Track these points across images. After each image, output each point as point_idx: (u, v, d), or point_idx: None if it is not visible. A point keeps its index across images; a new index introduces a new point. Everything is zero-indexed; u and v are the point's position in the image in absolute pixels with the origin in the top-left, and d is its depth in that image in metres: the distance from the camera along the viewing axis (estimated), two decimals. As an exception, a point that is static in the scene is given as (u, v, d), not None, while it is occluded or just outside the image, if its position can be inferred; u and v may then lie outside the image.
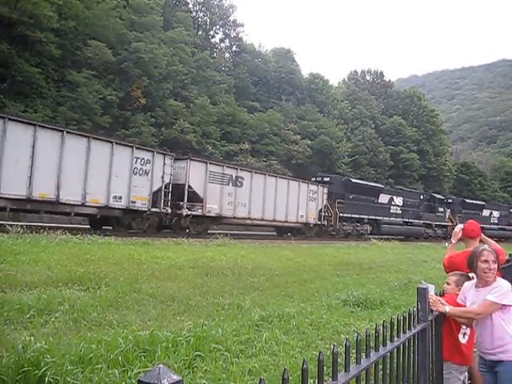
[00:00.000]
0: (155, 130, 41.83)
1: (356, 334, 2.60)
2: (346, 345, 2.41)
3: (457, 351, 4.68)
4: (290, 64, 68.04)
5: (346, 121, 69.22)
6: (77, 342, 5.94)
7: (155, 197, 24.28)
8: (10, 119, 18.37)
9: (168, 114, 44.36)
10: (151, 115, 42.45)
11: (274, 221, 31.15)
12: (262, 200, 29.79)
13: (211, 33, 67.12)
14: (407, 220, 43.58)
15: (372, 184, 44.10)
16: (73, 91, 35.61)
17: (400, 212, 43.37)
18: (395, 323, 3.17)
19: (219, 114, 49.54)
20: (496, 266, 4.30)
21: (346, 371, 2.39)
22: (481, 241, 5.61)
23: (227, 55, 67.63)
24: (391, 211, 42.45)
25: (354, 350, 2.81)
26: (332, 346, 2.31)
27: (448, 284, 4.91)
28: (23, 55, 33.87)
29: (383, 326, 2.95)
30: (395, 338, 3.14)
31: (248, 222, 30.12)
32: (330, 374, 2.31)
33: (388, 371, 3.04)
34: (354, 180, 41.34)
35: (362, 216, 38.72)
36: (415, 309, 3.76)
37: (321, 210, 35.09)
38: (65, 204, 20.31)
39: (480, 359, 4.57)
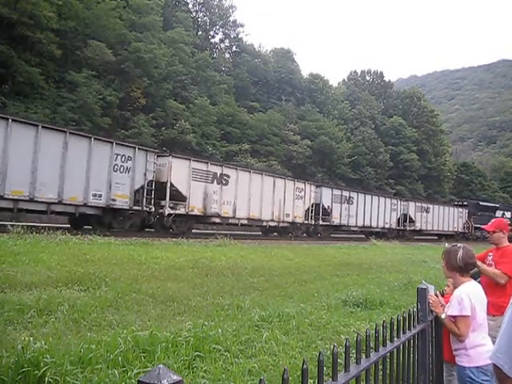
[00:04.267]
0: (155, 130, 41.86)
1: (356, 335, 2.60)
2: (345, 345, 2.41)
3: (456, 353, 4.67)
4: (289, 64, 68.22)
5: (345, 121, 69.31)
6: (76, 342, 5.94)
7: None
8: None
9: (168, 115, 44.39)
10: (152, 116, 42.49)
11: (438, 230, 49.63)
12: (438, 220, 48.76)
13: (211, 33, 67.29)
14: None
15: (491, 204, 62.87)
16: (72, 91, 35.61)
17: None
18: (395, 323, 3.17)
19: (219, 115, 49.63)
20: (443, 264, 4.39)
21: (345, 371, 2.39)
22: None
23: (227, 55, 67.79)
24: None
25: (354, 351, 2.81)
26: (332, 347, 2.31)
27: (448, 286, 4.92)
28: (23, 56, 33.85)
29: (383, 327, 2.95)
30: (395, 339, 3.14)
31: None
32: (330, 375, 2.31)
33: (388, 371, 3.04)
34: (481, 203, 60.20)
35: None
36: (415, 309, 3.77)
37: (464, 223, 53.56)
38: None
39: None
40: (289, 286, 12.72)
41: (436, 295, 4.26)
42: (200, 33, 63.49)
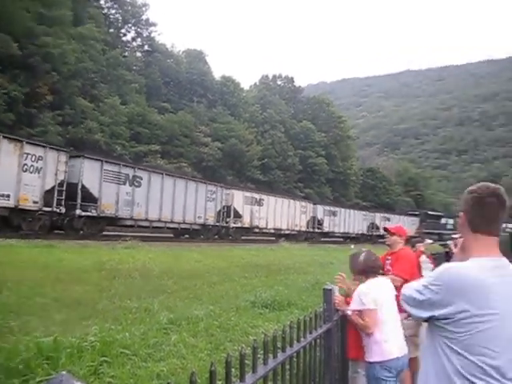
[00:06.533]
0: (62, 129, 40.45)
1: (264, 336, 2.63)
2: (253, 346, 2.43)
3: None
4: (202, 66, 68.04)
5: (256, 124, 69.88)
6: (-27, 350, 5.66)
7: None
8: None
9: (76, 113, 42.97)
10: (58, 114, 41.01)
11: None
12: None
13: (123, 31, 65.90)
14: None
15: (437, 213, 71.57)
16: (-28, 86, 33.86)
17: None
18: (302, 324, 3.23)
19: (129, 114, 48.67)
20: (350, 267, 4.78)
21: (253, 372, 2.41)
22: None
23: (139, 54, 66.57)
24: None
25: (261, 351, 2.85)
26: (240, 348, 2.33)
27: (349, 288, 5.06)
28: None
29: (290, 327, 3.00)
30: (302, 339, 3.20)
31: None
32: (239, 376, 2.32)
33: (295, 371, 3.10)
34: (429, 212, 69.02)
35: None
36: (321, 309, 3.85)
37: (416, 230, 58.60)
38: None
39: None
40: (198, 288, 12.70)
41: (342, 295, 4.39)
42: (111, 30, 61.92)
